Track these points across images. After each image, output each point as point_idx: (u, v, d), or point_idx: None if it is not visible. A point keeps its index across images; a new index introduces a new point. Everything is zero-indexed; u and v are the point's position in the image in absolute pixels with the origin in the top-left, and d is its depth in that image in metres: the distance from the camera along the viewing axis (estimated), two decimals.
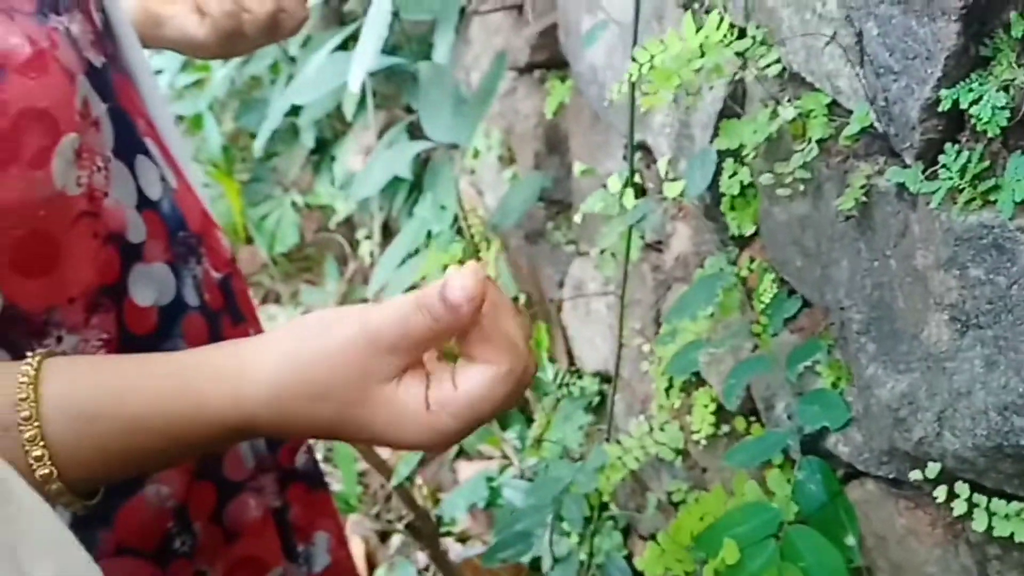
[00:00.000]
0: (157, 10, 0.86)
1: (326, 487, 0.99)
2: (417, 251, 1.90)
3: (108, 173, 0.65)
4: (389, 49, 2.03)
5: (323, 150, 2.91)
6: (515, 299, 1.86)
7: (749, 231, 0.96)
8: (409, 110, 2.28)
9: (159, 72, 2.65)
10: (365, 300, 2.47)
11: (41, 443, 0.47)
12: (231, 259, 0.82)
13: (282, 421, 0.49)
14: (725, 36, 0.75)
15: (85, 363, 0.53)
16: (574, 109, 1.61)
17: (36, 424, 0.46)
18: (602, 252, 1.35)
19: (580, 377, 1.66)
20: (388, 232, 2.62)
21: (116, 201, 0.65)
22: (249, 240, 2.93)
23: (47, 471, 0.47)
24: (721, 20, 0.75)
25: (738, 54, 0.83)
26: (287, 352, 0.49)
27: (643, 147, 1.27)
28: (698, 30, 0.79)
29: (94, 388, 0.47)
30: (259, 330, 0.86)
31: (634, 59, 0.78)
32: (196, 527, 0.79)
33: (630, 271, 1.28)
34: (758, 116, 0.79)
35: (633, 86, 1.00)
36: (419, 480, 2.05)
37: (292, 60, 2.60)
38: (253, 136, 2.84)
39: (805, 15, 0.74)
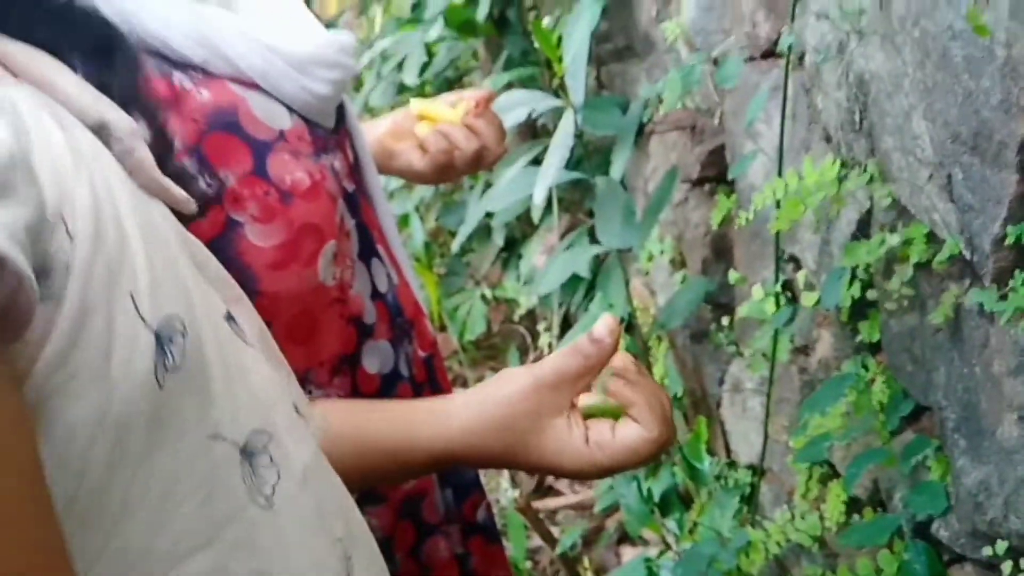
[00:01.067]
0: (391, 146, 1.10)
1: (501, 543, 1.16)
2: None
3: (353, 271, 0.87)
4: (574, 162, 2.26)
5: (511, 248, 3.17)
6: (676, 394, 2.00)
7: (876, 339, 1.08)
8: (590, 214, 2.50)
9: None
10: None
11: None
12: (434, 342, 1.03)
13: (473, 450, 0.68)
14: (840, 173, 0.90)
15: (337, 404, 0.74)
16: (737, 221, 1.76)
17: None
18: (755, 353, 1.49)
19: (735, 469, 1.77)
20: (567, 325, 2.82)
21: (357, 292, 0.88)
22: (443, 328, 3.20)
23: None
24: (837, 160, 0.91)
25: (868, 182, 0.98)
26: (477, 401, 0.68)
27: (794, 259, 1.41)
28: (836, 163, 0.95)
29: (346, 421, 0.68)
30: None
31: (772, 191, 0.95)
32: (397, 558, 0.98)
33: (780, 372, 1.41)
34: (872, 241, 0.93)
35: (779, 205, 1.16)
36: (585, 562, 2.19)
37: (489, 169, 2.89)
38: (451, 234, 3.14)
39: (909, 158, 0.88)
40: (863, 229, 1.04)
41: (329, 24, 2.96)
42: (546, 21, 2.90)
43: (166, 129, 0.44)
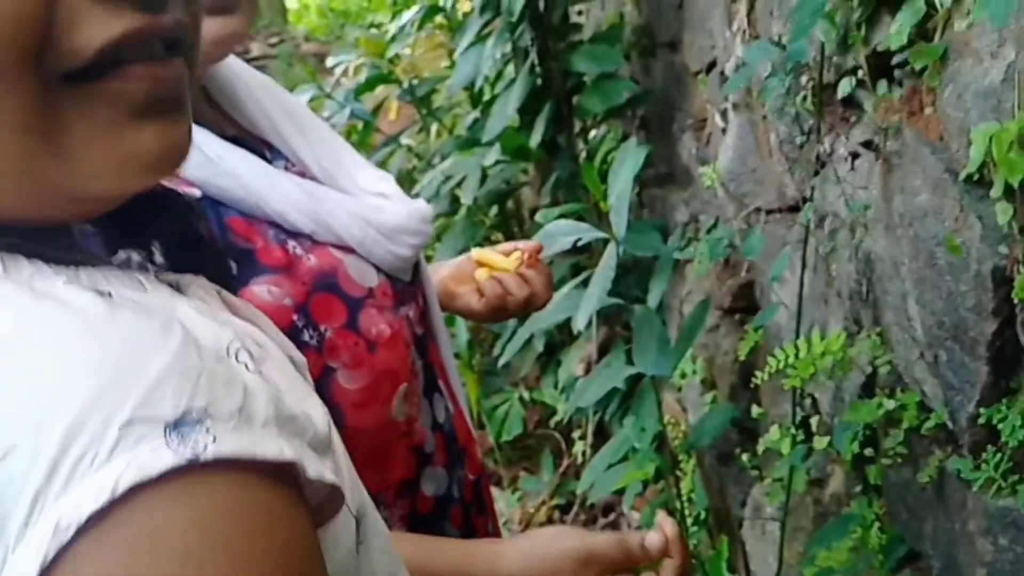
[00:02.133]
0: (452, 289, 1.26)
1: None
2: (625, 457, 2.21)
3: (419, 407, 1.02)
4: (614, 280, 2.42)
5: (550, 354, 3.31)
6: (700, 512, 2.10)
7: (881, 481, 1.20)
8: (627, 326, 2.65)
9: None
10: (574, 494, 2.78)
11: None
12: (482, 465, 1.17)
13: None
14: (846, 340, 1.04)
15: (407, 537, 0.89)
16: (765, 355, 1.89)
17: None
18: (774, 483, 1.60)
19: None
20: (601, 430, 2.94)
21: (421, 424, 1.02)
22: (481, 426, 3.33)
23: None
24: (843, 334, 1.05)
25: (872, 347, 1.11)
26: (528, 551, 0.82)
27: (813, 399, 1.53)
28: (841, 336, 1.10)
29: (412, 553, 0.82)
30: (494, 520, 1.19)
31: (785, 355, 1.09)
32: None
33: (796, 501, 1.52)
34: (872, 402, 1.06)
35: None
36: None
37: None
38: (493, 335, 3.30)
39: (904, 335, 1.02)
40: (868, 387, 1.17)
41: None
42: (593, 133, 3.10)
43: None
